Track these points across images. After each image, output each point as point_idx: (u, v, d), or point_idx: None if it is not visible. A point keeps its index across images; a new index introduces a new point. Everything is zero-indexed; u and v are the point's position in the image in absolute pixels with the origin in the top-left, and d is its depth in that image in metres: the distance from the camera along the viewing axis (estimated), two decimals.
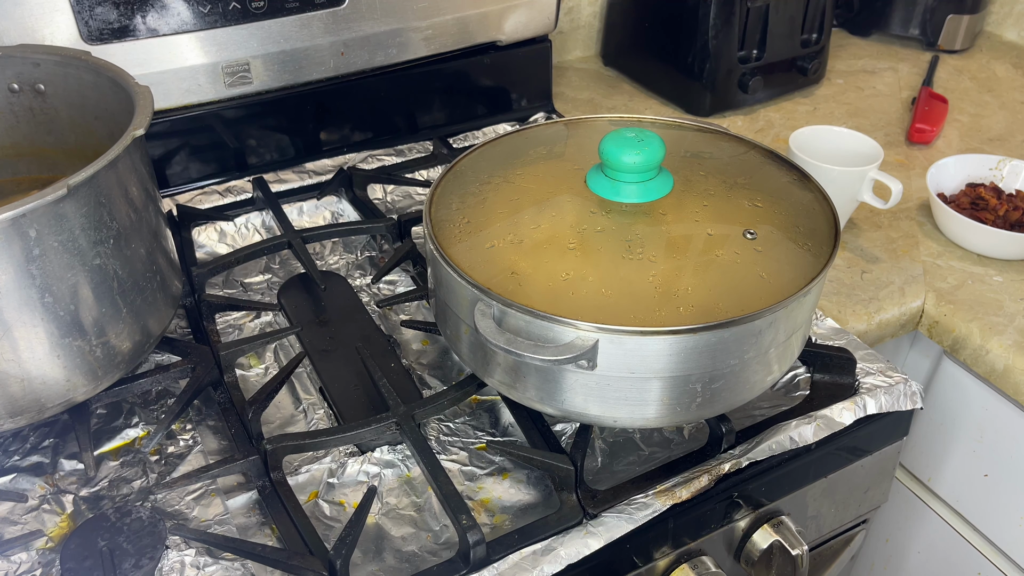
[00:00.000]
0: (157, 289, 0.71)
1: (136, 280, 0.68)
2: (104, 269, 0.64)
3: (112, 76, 0.73)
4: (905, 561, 1.11)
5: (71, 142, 0.80)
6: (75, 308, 0.63)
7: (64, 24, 0.87)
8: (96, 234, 0.63)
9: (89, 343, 0.65)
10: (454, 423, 0.76)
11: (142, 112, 0.68)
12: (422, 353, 0.84)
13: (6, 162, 0.81)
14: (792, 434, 0.73)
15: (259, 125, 1.04)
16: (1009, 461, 0.93)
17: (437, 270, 0.70)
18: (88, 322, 0.64)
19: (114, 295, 0.66)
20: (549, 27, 1.17)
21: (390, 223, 0.95)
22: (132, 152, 0.66)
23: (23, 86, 0.78)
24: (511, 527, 0.67)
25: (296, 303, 0.88)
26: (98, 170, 0.60)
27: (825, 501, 0.79)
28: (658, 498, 0.67)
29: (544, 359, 0.60)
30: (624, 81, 1.38)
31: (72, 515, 0.67)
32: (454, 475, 0.71)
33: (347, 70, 1.05)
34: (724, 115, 1.27)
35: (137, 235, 0.68)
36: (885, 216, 1.05)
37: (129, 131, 0.65)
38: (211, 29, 0.95)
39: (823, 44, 1.29)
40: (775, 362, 0.68)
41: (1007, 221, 0.99)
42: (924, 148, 1.20)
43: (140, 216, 0.68)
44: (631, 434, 0.76)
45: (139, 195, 0.68)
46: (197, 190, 1.02)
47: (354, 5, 1.01)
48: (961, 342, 0.91)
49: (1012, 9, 1.51)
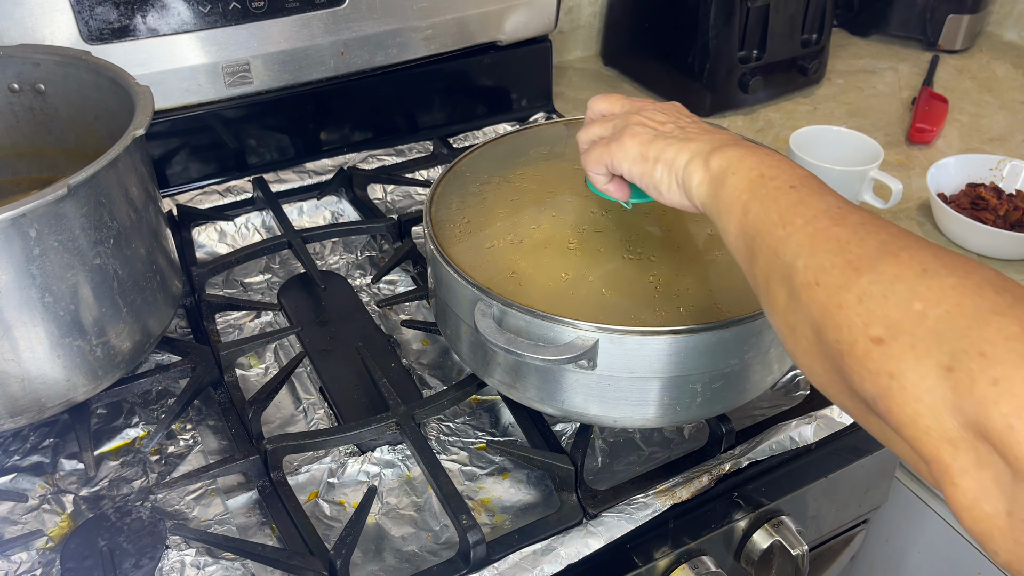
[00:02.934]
0: (157, 289, 0.71)
1: (136, 280, 0.68)
2: (104, 269, 0.64)
3: (112, 76, 0.73)
4: (905, 561, 1.11)
5: (71, 142, 0.80)
6: (75, 308, 0.63)
7: (64, 24, 0.87)
8: (96, 234, 0.63)
9: (89, 343, 0.65)
10: (454, 423, 0.76)
11: (142, 112, 0.68)
12: (422, 353, 0.84)
13: (6, 162, 0.81)
14: (792, 434, 0.73)
15: (259, 125, 1.04)
16: None
17: (437, 270, 0.70)
18: (88, 322, 0.64)
19: (114, 295, 0.66)
20: (549, 27, 1.17)
21: (390, 223, 0.95)
22: (132, 152, 0.66)
23: (23, 86, 0.78)
24: (511, 527, 0.67)
25: (296, 303, 0.88)
26: (98, 170, 0.60)
27: (825, 501, 0.79)
28: (658, 498, 0.67)
29: (544, 359, 0.60)
30: (624, 81, 1.38)
31: (72, 515, 0.67)
32: (454, 475, 0.71)
33: (347, 70, 1.05)
34: (724, 115, 1.27)
35: (137, 235, 0.68)
36: (885, 216, 1.05)
37: (129, 131, 0.65)
38: (211, 29, 0.95)
39: (823, 44, 1.29)
40: (775, 362, 0.68)
41: (1007, 221, 0.99)
42: (924, 148, 1.20)
43: (140, 216, 0.68)
44: (631, 434, 0.76)
45: (139, 195, 0.68)
46: (197, 190, 1.02)
47: (354, 5, 1.01)
48: None
49: (1012, 9, 1.51)
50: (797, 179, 0.48)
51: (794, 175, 0.49)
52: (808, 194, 0.47)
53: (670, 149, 0.56)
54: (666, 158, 0.56)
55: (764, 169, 0.50)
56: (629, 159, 0.58)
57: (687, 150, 0.55)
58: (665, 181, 0.56)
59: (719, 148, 0.53)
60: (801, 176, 0.49)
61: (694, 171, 0.53)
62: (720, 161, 0.52)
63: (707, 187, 0.52)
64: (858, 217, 0.44)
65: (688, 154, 0.54)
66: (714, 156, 0.53)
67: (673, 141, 0.56)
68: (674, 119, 0.60)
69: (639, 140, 0.58)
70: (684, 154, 0.55)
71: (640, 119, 0.60)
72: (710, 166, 0.52)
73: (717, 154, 0.53)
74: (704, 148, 0.54)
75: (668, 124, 0.59)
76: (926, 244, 0.40)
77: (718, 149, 0.53)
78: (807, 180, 0.48)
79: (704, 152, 0.53)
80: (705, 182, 0.53)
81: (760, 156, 0.51)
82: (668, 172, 0.56)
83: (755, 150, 0.52)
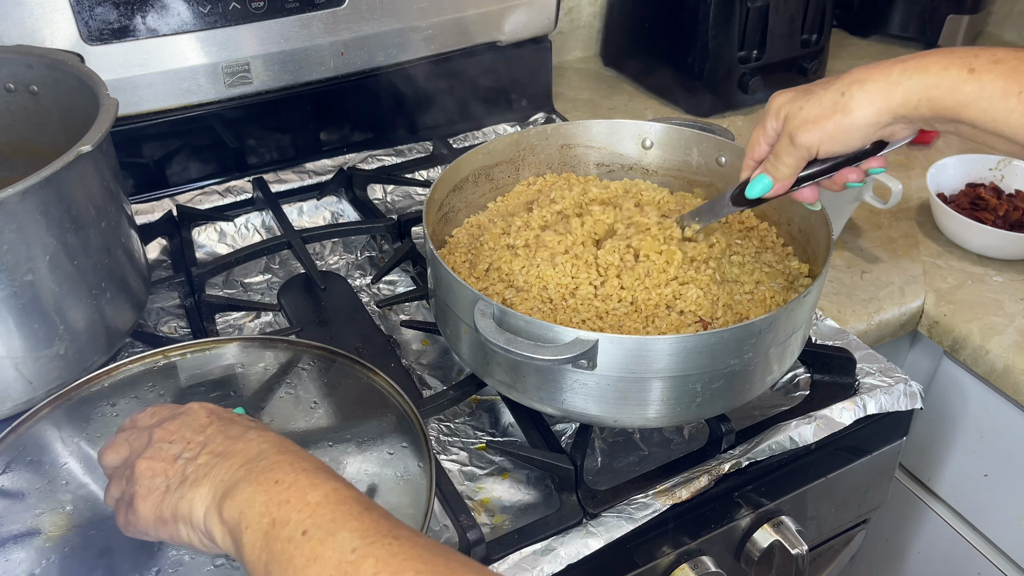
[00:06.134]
0: (113, 298, 0.72)
1: (88, 288, 0.69)
2: (35, 286, 0.65)
3: (90, 84, 0.73)
4: (905, 561, 1.11)
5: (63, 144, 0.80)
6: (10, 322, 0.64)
7: (64, 24, 0.87)
8: (28, 250, 0.63)
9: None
10: (454, 423, 0.76)
11: (97, 127, 0.66)
12: (422, 353, 0.84)
13: (3, 159, 0.81)
14: (792, 434, 0.73)
15: (259, 125, 1.04)
16: (1009, 461, 0.93)
17: (437, 270, 0.70)
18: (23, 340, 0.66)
19: (49, 311, 0.67)
20: (549, 27, 1.17)
21: (390, 223, 0.95)
22: (84, 166, 0.65)
23: (18, 86, 0.78)
24: (511, 527, 0.67)
25: (296, 303, 0.88)
26: (28, 187, 0.60)
27: (825, 501, 0.79)
28: (658, 498, 0.67)
29: (544, 359, 0.60)
30: (624, 81, 1.38)
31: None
32: (454, 475, 0.71)
33: (347, 70, 1.05)
34: (724, 115, 1.27)
35: (83, 249, 0.68)
36: (885, 216, 1.05)
37: (76, 146, 0.63)
38: (211, 29, 0.95)
39: (823, 44, 1.29)
40: (775, 362, 0.68)
41: (1007, 221, 0.99)
42: (924, 148, 1.20)
43: (89, 229, 0.68)
44: (631, 434, 0.76)
45: (89, 207, 0.68)
46: (197, 190, 1.02)
47: (354, 5, 1.01)
48: (961, 342, 0.91)
49: (1012, 9, 1.51)
50: (309, 515, 0.45)
51: (305, 509, 0.45)
52: (321, 541, 0.44)
53: (183, 502, 0.50)
54: (183, 514, 0.50)
55: (275, 512, 0.46)
56: (152, 526, 0.51)
57: (200, 500, 0.49)
58: (196, 540, 0.50)
59: (231, 489, 0.48)
60: (314, 507, 0.45)
61: (213, 526, 0.48)
62: (232, 512, 0.47)
63: (231, 542, 0.48)
64: (373, 561, 0.42)
65: (202, 505, 0.49)
66: (226, 504, 0.47)
67: (185, 488, 0.50)
68: (184, 444, 0.52)
69: (152, 501, 0.51)
70: (198, 505, 0.49)
71: (146, 465, 0.52)
72: (224, 518, 0.48)
73: (229, 501, 0.47)
74: (218, 492, 0.49)
75: (180, 460, 0.52)
76: None
77: (230, 491, 0.48)
78: (319, 511, 0.45)
79: (217, 498, 0.48)
80: (227, 537, 0.48)
81: (271, 492, 0.47)
82: (193, 531, 0.50)
83: (266, 484, 0.47)
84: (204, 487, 0.49)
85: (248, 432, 0.52)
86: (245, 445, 0.51)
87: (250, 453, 0.50)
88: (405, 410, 0.67)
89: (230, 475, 0.49)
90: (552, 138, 0.88)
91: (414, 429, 0.65)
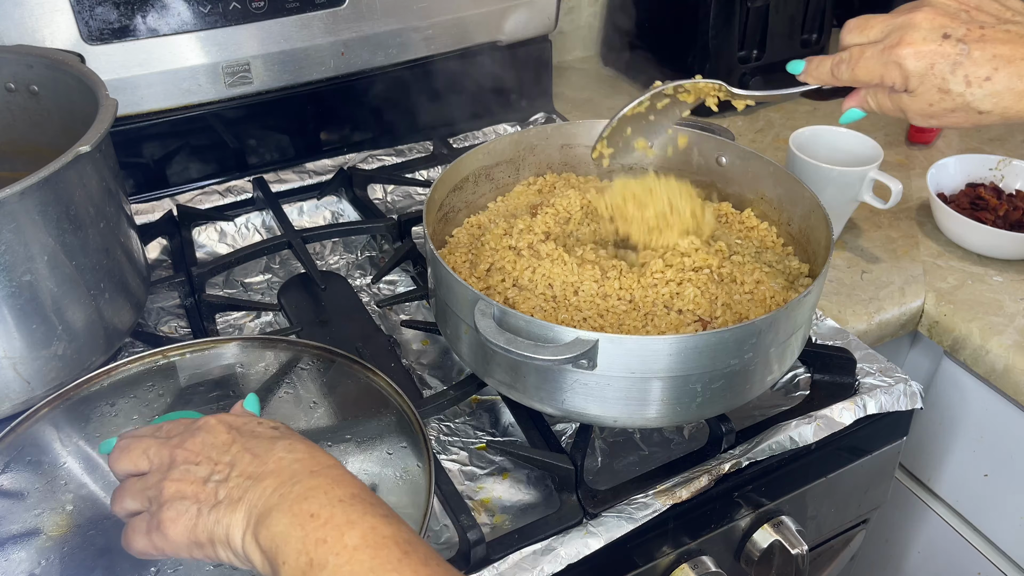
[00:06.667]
0: (113, 296, 0.72)
1: (87, 288, 0.69)
2: (34, 286, 0.65)
3: (90, 84, 0.73)
4: (905, 561, 1.11)
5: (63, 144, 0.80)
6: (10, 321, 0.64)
7: (64, 24, 0.87)
8: (26, 250, 0.63)
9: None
10: (454, 423, 0.76)
11: (96, 128, 0.66)
12: (422, 353, 0.84)
13: (4, 158, 0.81)
14: (792, 434, 0.73)
15: (259, 125, 1.04)
16: (1009, 461, 0.93)
17: (437, 270, 0.70)
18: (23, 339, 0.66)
19: (48, 312, 0.67)
20: (549, 27, 1.17)
21: (390, 223, 0.95)
22: (82, 166, 0.65)
23: (19, 86, 0.78)
24: (511, 527, 0.67)
25: (296, 303, 0.88)
26: (26, 187, 0.60)
27: (825, 501, 0.79)
28: (658, 498, 0.67)
29: (544, 359, 0.60)
30: (624, 81, 1.38)
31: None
32: (454, 475, 0.71)
33: (347, 70, 1.05)
34: (724, 115, 1.26)
35: (81, 249, 0.68)
36: (885, 216, 1.05)
37: (74, 146, 0.63)
38: (211, 29, 0.95)
39: (823, 44, 1.29)
40: (775, 362, 0.68)
41: (1007, 221, 0.99)
42: (924, 148, 1.20)
43: (88, 229, 0.68)
44: (631, 434, 0.76)
45: (89, 207, 0.68)
46: (197, 190, 1.02)
47: (354, 5, 1.01)
48: (961, 342, 0.91)
49: None
50: (347, 560, 0.45)
51: (343, 553, 0.45)
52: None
53: (219, 527, 0.49)
54: (220, 537, 0.49)
55: (312, 552, 0.45)
56: (184, 550, 0.50)
57: (236, 525, 0.48)
58: (237, 561, 0.50)
59: (264, 517, 0.47)
60: (351, 551, 0.45)
61: (251, 552, 0.48)
62: (267, 541, 0.47)
63: (269, 569, 0.47)
64: None
65: (239, 531, 0.48)
66: (261, 533, 0.47)
67: (220, 512, 0.49)
68: (211, 465, 0.51)
69: (183, 524, 0.50)
70: (235, 531, 0.48)
71: (175, 488, 0.51)
72: (261, 546, 0.47)
73: (264, 530, 0.47)
74: (252, 517, 0.48)
75: (209, 483, 0.50)
76: None
77: (264, 519, 0.47)
78: (356, 556, 0.45)
79: (252, 524, 0.48)
80: (265, 564, 0.47)
81: (306, 528, 0.46)
82: (232, 553, 0.49)
83: (301, 517, 0.47)
84: (239, 512, 0.49)
85: (275, 447, 0.51)
86: (276, 464, 0.50)
87: (282, 475, 0.49)
88: (404, 410, 0.67)
89: (263, 501, 0.48)
90: (552, 138, 0.88)
91: (413, 429, 0.65)
